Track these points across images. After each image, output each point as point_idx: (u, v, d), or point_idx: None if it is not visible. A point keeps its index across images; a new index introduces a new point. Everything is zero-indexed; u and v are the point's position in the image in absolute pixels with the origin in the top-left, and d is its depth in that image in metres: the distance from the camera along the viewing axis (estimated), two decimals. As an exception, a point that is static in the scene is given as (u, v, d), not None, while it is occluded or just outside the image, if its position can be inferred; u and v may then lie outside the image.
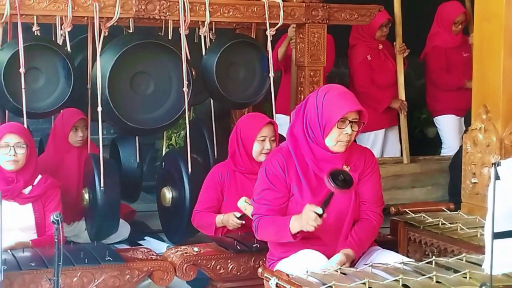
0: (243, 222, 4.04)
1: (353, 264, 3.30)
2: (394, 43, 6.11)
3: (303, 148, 3.33)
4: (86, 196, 4.73)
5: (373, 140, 6.28)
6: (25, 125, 4.37)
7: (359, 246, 3.34)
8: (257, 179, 3.46)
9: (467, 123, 4.21)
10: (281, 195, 3.34)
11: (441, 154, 6.58)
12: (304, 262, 3.20)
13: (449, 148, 6.47)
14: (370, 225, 3.42)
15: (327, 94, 3.27)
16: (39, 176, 4.08)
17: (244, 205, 4.01)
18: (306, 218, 3.15)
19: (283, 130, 4.81)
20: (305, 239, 3.30)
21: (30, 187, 4.02)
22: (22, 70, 4.37)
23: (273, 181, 3.34)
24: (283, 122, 5.31)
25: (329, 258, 3.26)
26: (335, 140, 3.27)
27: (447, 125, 6.52)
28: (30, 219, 3.97)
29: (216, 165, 4.40)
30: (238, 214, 4.05)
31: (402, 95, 6.19)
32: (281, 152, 3.38)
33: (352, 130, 3.27)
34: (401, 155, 6.27)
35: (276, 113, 5.12)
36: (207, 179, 4.31)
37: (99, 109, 4.51)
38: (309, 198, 3.29)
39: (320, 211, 3.13)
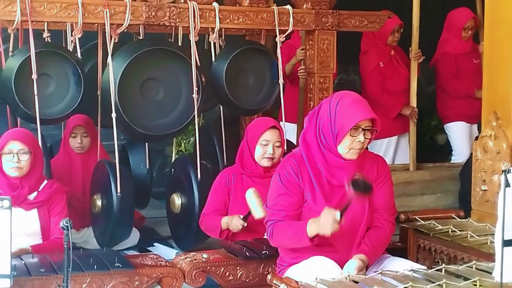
0: (245, 224, 4.01)
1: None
2: (410, 48, 6.09)
3: (315, 155, 3.33)
4: (99, 202, 4.73)
5: (386, 147, 6.27)
6: (39, 131, 4.39)
7: (372, 253, 3.34)
8: (270, 186, 3.46)
9: (480, 130, 4.20)
10: (296, 200, 3.34)
11: (452, 161, 6.57)
12: (315, 269, 3.19)
13: (459, 155, 6.45)
14: (383, 233, 3.43)
15: (340, 102, 3.28)
16: (45, 182, 4.08)
17: (251, 195, 3.98)
18: (324, 222, 3.15)
19: (290, 137, 4.85)
20: (317, 246, 3.30)
21: (35, 193, 4.03)
22: (34, 76, 4.39)
23: (288, 186, 3.34)
24: (289, 129, 5.30)
25: (341, 265, 3.25)
26: (348, 147, 3.28)
27: (457, 132, 6.51)
28: (35, 224, 3.98)
29: (224, 169, 4.42)
30: (242, 216, 4.04)
31: (413, 101, 6.17)
32: (294, 157, 3.39)
33: (365, 138, 3.28)
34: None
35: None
36: (214, 183, 4.33)
37: (113, 115, 4.51)
38: (322, 203, 3.29)
39: (338, 216, 3.13)
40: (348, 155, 3.30)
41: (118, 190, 4.50)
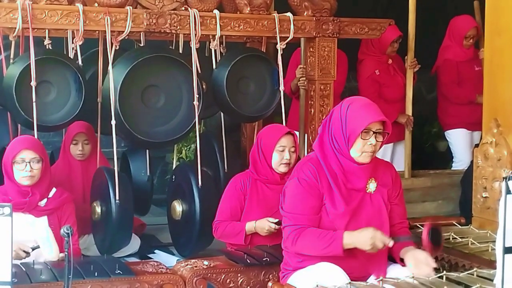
0: (277, 227, 3.97)
1: (365, 278, 3.30)
2: (406, 57, 6.10)
3: (331, 160, 3.34)
4: (98, 209, 4.73)
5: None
6: (36, 138, 4.38)
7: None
8: (285, 190, 3.42)
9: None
10: (316, 203, 3.32)
11: (453, 168, 6.56)
12: (322, 276, 3.19)
13: (460, 162, 6.45)
14: (407, 233, 3.51)
15: (351, 106, 3.31)
16: (54, 189, 4.09)
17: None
18: (373, 243, 3.19)
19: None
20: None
21: (45, 200, 4.03)
22: (33, 83, 4.40)
23: (308, 190, 3.32)
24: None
25: (351, 273, 3.26)
26: (360, 151, 3.29)
27: (458, 139, 6.50)
28: (44, 231, 3.97)
29: (236, 175, 4.37)
30: (272, 219, 4.04)
31: (409, 110, 6.17)
32: (311, 161, 3.39)
33: (377, 141, 3.30)
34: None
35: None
36: (228, 189, 4.29)
37: (113, 122, 4.52)
38: (341, 206, 3.30)
39: (391, 244, 3.22)
40: (361, 159, 3.31)
41: (117, 197, 4.50)
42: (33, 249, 3.78)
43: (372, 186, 3.38)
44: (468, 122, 6.31)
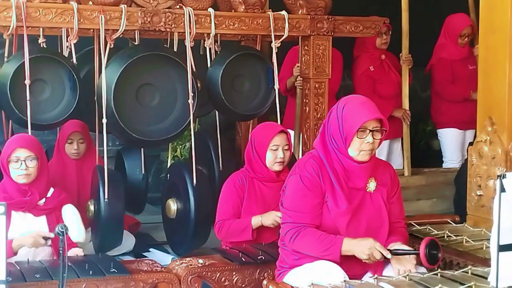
0: None
1: (361, 276, 3.30)
2: (400, 54, 6.12)
3: (333, 159, 3.35)
4: (92, 207, 4.73)
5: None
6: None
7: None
8: (286, 186, 3.42)
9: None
10: (318, 201, 3.32)
11: (443, 167, 6.58)
12: (317, 273, 3.20)
13: (449, 162, 6.49)
14: (404, 232, 3.51)
15: (346, 105, 3.32)
16: (52, 189, 4.08)
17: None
18: (370, 253, 3.18)
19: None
20: None
21: (43, 199, 4.03)
22: (27, 81, 4.39)
23: (310, 187, 3.31)
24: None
25: (349, 270, 3.26)
26: (358, 149, 3.30)
27: (448, 138, 6.54)
28: (44, 230, 3.97)
29: (233, 173, 4.37)
30: (280, 214, 4.03)
31: (406, 105, 6.19)
32: (313, 158, 3.39)
33: (374, 139, 3.30)
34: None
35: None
36: (226, 187, 4.28)
37: (104, 120, 4.52)
38: (343, 204, 3.30)
39: (389, 256, 3.21)
40: (359, 157, 3.31)
41: (106, 196, 4.50)
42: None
43: (372, 186, 3.39)
44: (461, 121, 6.33)
